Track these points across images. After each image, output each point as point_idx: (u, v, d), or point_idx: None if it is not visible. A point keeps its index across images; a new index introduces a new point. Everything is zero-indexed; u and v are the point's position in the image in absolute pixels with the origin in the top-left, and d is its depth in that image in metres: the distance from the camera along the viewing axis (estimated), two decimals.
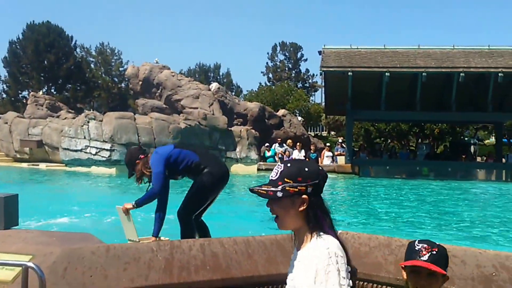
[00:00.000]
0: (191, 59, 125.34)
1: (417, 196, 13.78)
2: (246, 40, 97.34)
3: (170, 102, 23.12)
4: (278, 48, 57.50)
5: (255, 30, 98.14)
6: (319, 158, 21.14)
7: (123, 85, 47.82)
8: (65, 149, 18.86)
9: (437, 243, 1.98)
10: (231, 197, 13.07)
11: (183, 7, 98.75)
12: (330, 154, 20.96)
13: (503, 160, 22.19)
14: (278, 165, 1.79)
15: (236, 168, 20.44)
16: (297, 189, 1.70)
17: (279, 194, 1.71)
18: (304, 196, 1.70)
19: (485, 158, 23.93)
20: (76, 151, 18.63)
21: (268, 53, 57.78)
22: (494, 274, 2.89)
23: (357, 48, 21.76)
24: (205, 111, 21.33)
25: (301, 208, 1.71)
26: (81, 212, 8.73)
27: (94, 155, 18.34)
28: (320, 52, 21.86)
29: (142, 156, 5.25)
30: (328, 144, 24.11)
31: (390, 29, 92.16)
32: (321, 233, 1.70)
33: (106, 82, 48.31)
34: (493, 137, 29.82)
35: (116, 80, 49.57)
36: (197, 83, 25.00)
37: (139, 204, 5.10)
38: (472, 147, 26.67)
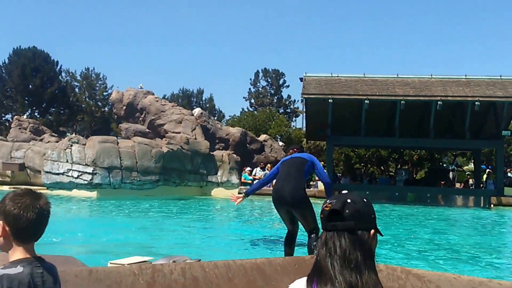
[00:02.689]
0: (175, 84, 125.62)
1: (398, 220, 14.00)
2: (229, 66, 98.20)
3: (153, 127, 23.20)
4: (261, 75, 58.12)
5: (238, 56, 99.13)
6: None
7: (106, 109, 47.70)
8: (47, 172, 18.74)
9: None
10: (212, 220, 13.15)
11: (167, 34, 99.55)
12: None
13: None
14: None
15: (217, 192, 20.53)
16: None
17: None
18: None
19: (463, 184, 24.38)
20: (58, 174, 18.53)
21: (250, 79, 58.39)
22: None
23: (338, 76, 22.22)
24: (187, 135, 21.46)
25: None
26: (64, 236, 8.73)
27: (76, 178, 18.25)
28: (301, 79, 22.27)
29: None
30: None
31: (369, 58, 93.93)
32: None
33: (90, 106, 48.19)
34: (472, 164, 30.35)
35: (100, 104, 49.45)
36: (180, 108, 25.17)
37: (248, 193, 7.30)
38: (450, 173, 27.08)
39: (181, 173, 20.06)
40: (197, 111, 24.72)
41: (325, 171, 6.74)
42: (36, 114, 44.61)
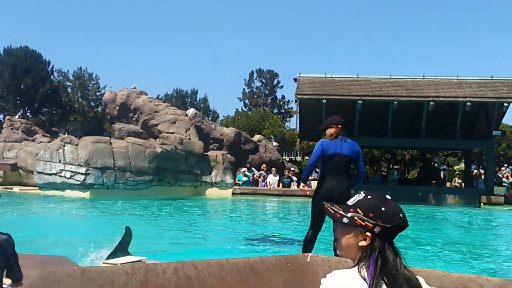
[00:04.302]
0: (169, 84, 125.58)
1: None
2: (223, 66, 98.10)
3: (146, 127, 23.19)
4: (255, 75, 58.13)
5: (232, 57, 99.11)
6: (292, 183, 21.44)
7: (99, 109, 47.48)
8: (39, 172, 18.70)
9: None
10: (207, 220, 13.19)
11: (161, 33, 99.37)
12: None
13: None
14: (360, 193, 1.71)
15: (211, 192, 20.57)
16: (364, 223, 1.62)
17: (345, 220, 1.65)
18: (368, 233, 1.62)
19: (454, 184, 24.56)
20: (50, 174, 18.48)
21: (245, 80, 58.37)
22: None
23: (331, 77, 22.32)
24: (181, 136, 21.46)
25: (362, 244, 1.63)
26: (56, 236, 8.74)
27: (68, 178, 18.21)
28: (295, 80, 22.36)
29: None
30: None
31: (363, 59, 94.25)
32: (354, 268, 1.61)
33: (83, 106, 47.95)
34: (463, 163, 30.56)
35: (93, 104, 49.22)
36: (174, 108, 25.14)
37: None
38: (442, 172, 27.28)
39: (175, 173, 20.06)
40: (191, 111, 24.72)
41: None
42: (28, 114, 44.35)
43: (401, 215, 1.64)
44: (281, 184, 21.41)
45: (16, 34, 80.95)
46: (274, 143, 28.69)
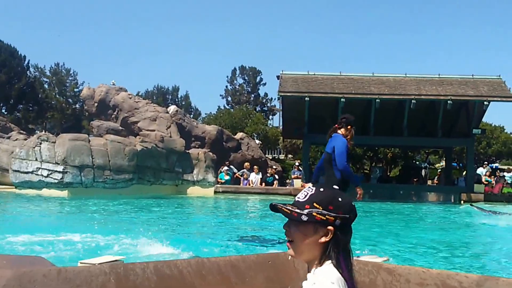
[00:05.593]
0: (149, 81, 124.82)
1: (366, 216, 14.14)
2: (205, 63, 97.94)
3: (126, 124, 22.86)
4: (238, 72, 58.07)
5: (215, 53, 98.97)
6: (275, 181, 21.36)
7: (77, 106, 46.85)
8: (15, 171, 18.25)
9: None
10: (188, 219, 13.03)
11: (141, 28, 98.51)
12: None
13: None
14: (309, 187, 1.64)
15: (192, 191, 20.39)
16: (324, 218, 1.54)
17: (304, 218, 1.54)
18: (329, 227, 1.54)
19: (436, 181, 24.82)
20: (27, 173, 18.07)
21: (227, 77, 58.27)
22: None
23: (314, 74, 22.32)
24: (162, 133, 21.21)
25: (322, 240, 1.54)
26: (32, 235, 8.48)
27: (45, 177, 17.84)
28: (278, 77, 22.29)
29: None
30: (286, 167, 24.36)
31: (346, 56, 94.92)
32: (327, 264, 1.54)
33: (60, 103, 47.17)
34: (444, 161, 30.90)
35: (71, 101, 48.51)
36: (155, 105, 24.88)
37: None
38: (423, 170, 27.57)
39: (156, 171, 19.81)
40: (172, 108, 24.47)
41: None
42: (3, 111, 43.46)
43: (353, 204, 1.60)
44: (263, 183, 21.30)
45: None
46: (257, 141, 28.63)
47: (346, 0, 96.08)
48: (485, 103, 20.77)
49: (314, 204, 1.56)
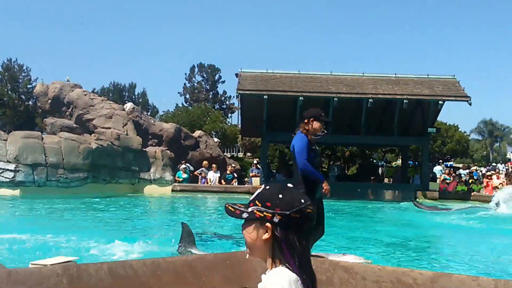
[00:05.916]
0: (105, 77, 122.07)
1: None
2: (163, 60, 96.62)
3: (81, 122, 22.28)
4: (196, 70, 57.71)
5: (173, 50, 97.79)
6: (234, 180, 21.30)
7: (30, 102, 45.36)
8: None
9: None
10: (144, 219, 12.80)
11: (97, 24, 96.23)
12: None
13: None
14: (263, 186, 1.66)
15: (149, 190, 20.07)
16: (262, 215, 1.54)
17: (244, 215, 1.57)
18: (267, 224, 1.53)
19: (391, 179, 25.39)
20: None
21: (186, 74, 57.84)
22: None
23: (273, 73, 22.35)
24: (118, 131, 20.79)
25: (264, 237, 1.54)
26: None
27: None
28: (237, 75, 22.23)
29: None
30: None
31: (304, 55, 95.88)
32: (280, 266, 1.52)
33: (12, 100, 45.54)
34: (400, 160, 31.66)
35: (23, 97, 46.91)
36: (111, 102, 24.38)
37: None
38: (380, 169, 28.14)
39: (111, 170, 19.39)
40: (128, 105, 24.00)
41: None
42: None
43: (302, 201, 1.55)
44: (223, 181, 21.19)
45: None
46: (215, 139, 28.46)
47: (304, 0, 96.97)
48: (440, 102, 21.33)
49: (256, 201, 1.57)
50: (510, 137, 55.61)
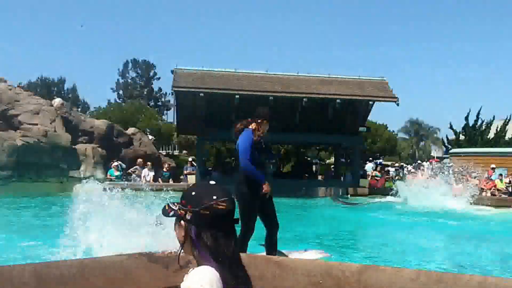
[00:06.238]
0: (32, 71, 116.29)
1: None
2: (95, 54, 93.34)
3: (5, 118, 21.09)
4: (130, 65, 56.33)
5: (105, 44, 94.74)
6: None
7: None
8: None
9: None
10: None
11: (24, 15, 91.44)
12: None
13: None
14: None
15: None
16: (179, 212, 1.57)
17: (171, 213, 1.59)
18: (182, 221, 1.56)
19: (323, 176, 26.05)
20: None
21: (119, 69, 56.26)
22: (320, 281, 3.18)
23: (209, 70, 22.24)
24: (46, 127, 19.91)
25: (182, 235, 1.57)
26: None
27: None
28: (172, 72, 21.91)
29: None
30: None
31: (241, 53, 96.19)
32: (204, 264, 1.51)
33: None
34: (333, 157, 32.49)
35: None
36: (38, 97, 23.30)
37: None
38: (314, 166, 28.76)
39: (38, 168, 18.55)
40: (57, 101, 23.00)
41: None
42: None
43: (214, 197, 1.53)
44: (160, 179, 20.81)
45: None
46: (150, 137, 27.95)
47: None
48: (370, 102, 22.12)
49: (182, 200, 1.60)
50: (434, 136, 58.59)
